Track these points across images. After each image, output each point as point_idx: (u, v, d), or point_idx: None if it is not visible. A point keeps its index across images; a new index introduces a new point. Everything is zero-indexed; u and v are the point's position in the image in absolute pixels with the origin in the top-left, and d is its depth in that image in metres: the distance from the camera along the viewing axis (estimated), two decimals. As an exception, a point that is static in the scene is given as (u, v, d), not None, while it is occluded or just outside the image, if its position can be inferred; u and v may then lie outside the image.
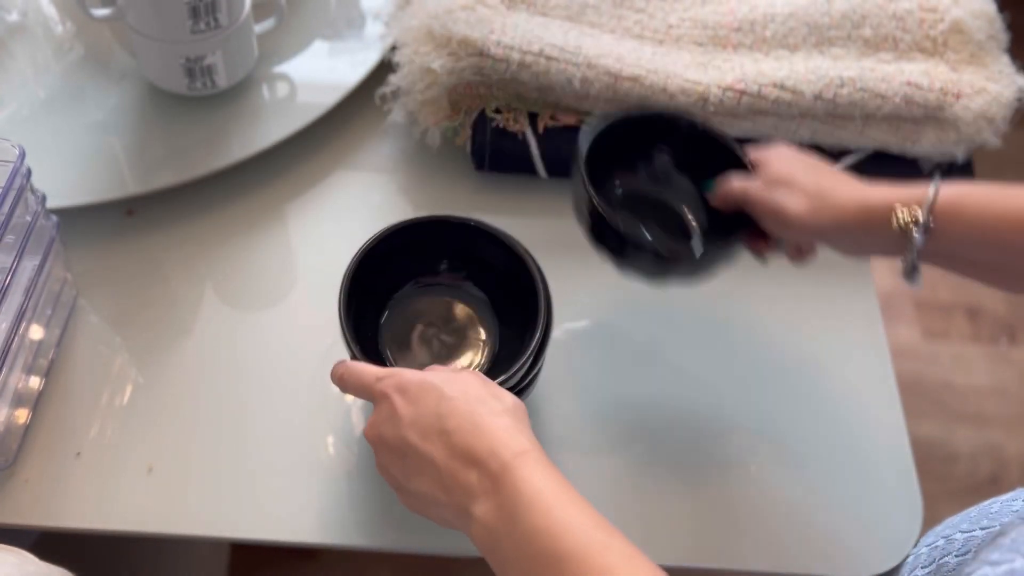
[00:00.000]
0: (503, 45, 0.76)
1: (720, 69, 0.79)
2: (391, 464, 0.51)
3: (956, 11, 0.81)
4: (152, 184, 0.76)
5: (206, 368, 0.71)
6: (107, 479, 0.65)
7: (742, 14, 0.83)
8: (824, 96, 0.77)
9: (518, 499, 0.45)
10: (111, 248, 0.76)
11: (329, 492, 0.65)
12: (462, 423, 0.48)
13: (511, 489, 0.45)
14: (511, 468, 0.46)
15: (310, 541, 0.64)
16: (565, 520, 0.44)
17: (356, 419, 0.69)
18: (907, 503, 0.69)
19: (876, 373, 0.75)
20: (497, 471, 0.46)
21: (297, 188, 0.82)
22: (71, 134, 0.79)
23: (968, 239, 0.52)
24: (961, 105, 0.78)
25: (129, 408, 0.68)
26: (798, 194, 0.58)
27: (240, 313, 0.74)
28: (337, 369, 0.56)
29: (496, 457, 0.46)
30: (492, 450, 0.46)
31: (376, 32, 0.88)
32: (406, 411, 0.49)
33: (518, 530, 0.44)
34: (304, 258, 0.78)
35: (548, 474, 0.46)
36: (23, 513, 0.63)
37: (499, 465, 0.46)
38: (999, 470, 1.50)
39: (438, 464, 0.47)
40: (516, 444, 0.47)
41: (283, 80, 0.86)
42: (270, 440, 0.67)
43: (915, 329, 1.64)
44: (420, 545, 0.64)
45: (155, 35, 0.75)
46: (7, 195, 0.60)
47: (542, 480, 0.46)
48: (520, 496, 0.45)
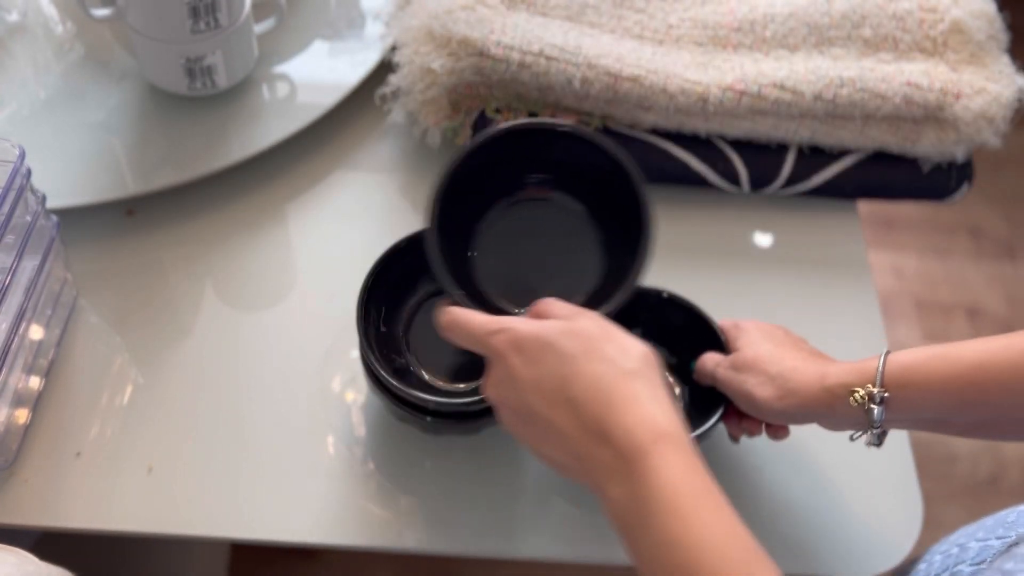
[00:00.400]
0: (503, 45, 0.76)
1: (720, 69, 0.79)
2: (516, 426, 0.48)
3: (956, 11, 0.81)
4: (152, 184, 0.76)
5: (206, 368, 0.71)
6: (107, 479, 0.65)
7: (742, 14, 0.83)
8: (824, 96, 0.77)
9: (653, 496, 0.42)
10: (111, 248, 0.76)
11: (329, 492, 0.65)
12: (589, 391, 0.44)
13: (646, 481, 0.42)
14: (647, 455, 0.42)
15: (310, 541, 0.64)
16: (703, 534, 0.41)
17: (356, 419, 0.69)
18: (907, 503, 0.69)
19: (876, 373, 0.75)
20: (632, 455, 0.43)
21: (297, 188, 0.82)
22: (71, 134, 0.79)
23: (924, 402, 0.53)
24: (961, 105, 0.78)
25: (129, 408, 0.68)
26: (764, 380, 0.58)
27: (240, 313, 0.74)
28: (443, 317, 0.53)
29: (631, 438, 0.43)
30: (627, 430, 0.43)
31: (376, 32, 0.88)
32: (525, 373, 0.46)
33: (651, 532, 0.42)
34: (304, 258, 0.78)
35: (687, 466, 0.43)
36: (23, 513, 0.63)
37: (635, 449, 0.43)
38: (999, 470, 1.50)
39: (568, 435, 0.44)
40: (653, 423, 0.43)
41: (283, 80, 0.86)
42: (270, 440, 0.67)
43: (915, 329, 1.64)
44: (420, 545, 0.64)
45: (155, 35, 0.75)
46: (7, 195, 0.60)
47: (681, 476, 0.42)
48: (655, 492, 0.42)
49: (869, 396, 0.53)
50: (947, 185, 0.83)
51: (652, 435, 0.43)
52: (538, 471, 0.67)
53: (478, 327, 0.50)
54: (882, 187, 0.83)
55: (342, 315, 0.73)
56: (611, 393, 0.44)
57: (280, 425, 0.68)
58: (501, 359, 0.48)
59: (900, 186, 0.83)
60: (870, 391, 0.53)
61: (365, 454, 0.67)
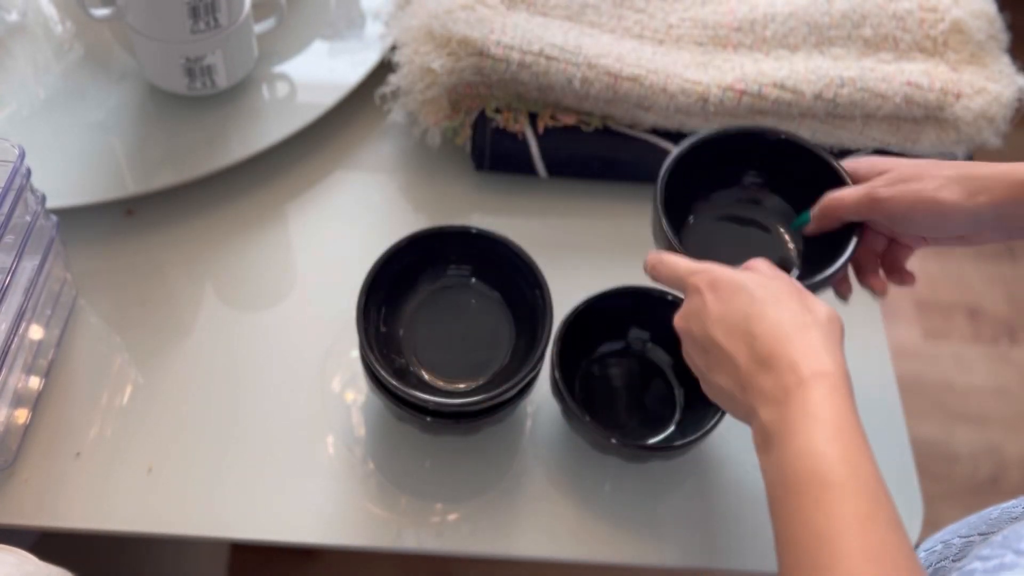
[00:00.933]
0: (503, 45, 0.76)
1: (720, 69, 0.79)
2: (695, 355, 0.52)
3: (956, 11, 0.81)
4: (152, 184, 0.76)
5: (206, 368, 0.71)
6: (107, 479, 0.65)
7: (742, 14, 0.83)
8: (824, 96, 0.77)
9: (803, 418, 0.44)
10: (111, 248, 0.76)
11: (329, 492, 0.65)
12: (769, 328, 0.48)
13: (800, 406, 0.45)
14: (806, 385, 0.45)
15: (310, 541, 0.64)
16: (843, 454, 0.43)
17: (356, 419, 0.69)
18: (907, 503, 0.69)
19: (876, 373, 0.75)
20: (792, 384, 0.45)
21: (297, 188, 0.82)
22: (71, 134, 0.79)
23: None
24: (961, 105, 0.78)
25: (129, 408, 0.68)
26: (943, 182, 0.56)
27: (240, 313, 0.74)
28: (651, 259, 0.58)
29: (795, 370, 0.46)
30: (793, 362, 0.46)
31: (376, 32, 0.88)
32: (715, 308, 0.50)
33: (793, 446, 0.44)
34: (304, 258, 0.78)
35: (841, 403, 0.45)
36: (23, 513, 0.63)
37: (796, 379, 0.45)
38: (999, 471, 1.50)
39: (739, 364, 0.48)
40: (818, 362, 0.46)
41: (283, 80, 0.86)
42: (270, 440, 0.67)
43: (915, 329, 1.64)
44: (420, 545, 0.64)
45: (155, 35, 0.75)
46: (7, 195, 0.60)
47: (832, 408, 0.45)
48: (806, 417, 0.44)
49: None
50: (947, 185, 0.83)
51: (813, 371, 0.46)
52: (538, 471, 0.67)
53: (683, 267, 0.55)
54: (882, 187, 0.83)
55: (342, 315, 0.73)
56: (789, 333, 0.47)
57: (280, 425, 0.68)
58: (697, 294, 0.52)
59: (900, 186, 0.83)
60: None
61: (365, 454, 0.67)
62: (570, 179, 0.82)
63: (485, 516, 0.65)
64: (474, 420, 0.63)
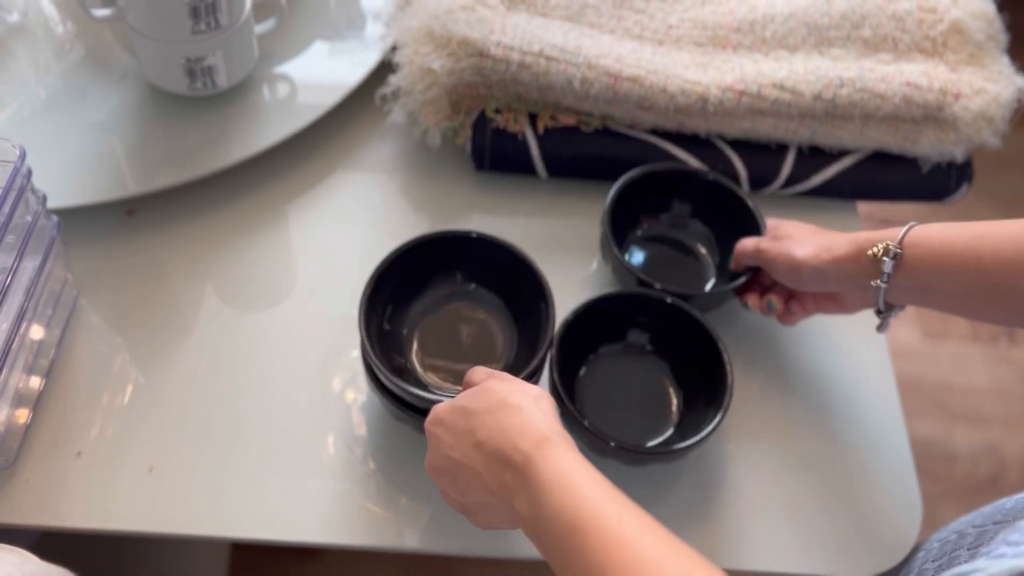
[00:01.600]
0: (503, 45, 0.76)
1: (720, 69, 0.79)
2: (449, 488, 0.54)
3: (955, 12, 0.81)
4: (152, 184, 0.76)
5: (206, 368, 0.71)
6: (107, 479, 0.65)
7: (742, 15, 0.83)
8: (824, 96, 0.77)
9: (542, 485, 0.48)
10: (111, 248, 0.76)
11: (329, 492, 0.65)
12: (491, 430, 0.51)
13: (535, 477, 0.48)
14: (533, 459, 0.49)
15: (310, 541, 0.64)
16: (582, 495, 0.47)
17: (356, 419, 0.69)
18: (907, 503, 0.69)
19: (876, 373, 0.75)
20: (523, 464, 0.49)
21: (297, 188, 0.82)
22: (72, 134, 0.79)
23: (928, 264, 0.60)
24: (960, 105, 0.78)
25: (129, 408, 0.68)
26: (804, 244, 0.67)
27: (240, 313, 0.74)
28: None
29: (519, 451, 0.49)
30: (515, 446, 0.50)
31: (376, 32, 0.89)
32: (446, 437, 0.53)
33: (545, 512, 0.47)
34: (304, 258, 0.78)
35: (567, 456, 0.49)
36: (23, 513, 0.63)
37: (523, 458, 0.49)
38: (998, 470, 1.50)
39: (481, 472, 0.51)
40: (535, 434, 0.50)
41: (283, 80, 0.86)
42: (270, 440, 0.67)
43: (915, 329, 1.64)
44: (420, 545, 0.64)
45: (155, 35, 0.75)
46: (8, 195, 0.60)
47: (560, 463, 0.48)
48: (543, 482, 0.48)
49: (885, 250, 0.61)
50: (947, 185, 0.83)
51: (534, 443, 0.49)
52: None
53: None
54: (882, 187, 0.83)
55: (342, 315, 0.73)
56: (505, 426, 0.51)
57: (280, 425, 0.68)
58: (431, 436, 0.55)
59: (900, 186, 0.83)
60: (887, 246, 0.61)
61: (365, 454, 0.67)
62: (570, 179, 0.83)
63: (485, 516, 0.65)
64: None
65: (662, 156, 0.80)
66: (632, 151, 0.80)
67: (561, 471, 0.48)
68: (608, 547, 0.44)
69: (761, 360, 0.75)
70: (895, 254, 0.61)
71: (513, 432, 0.50)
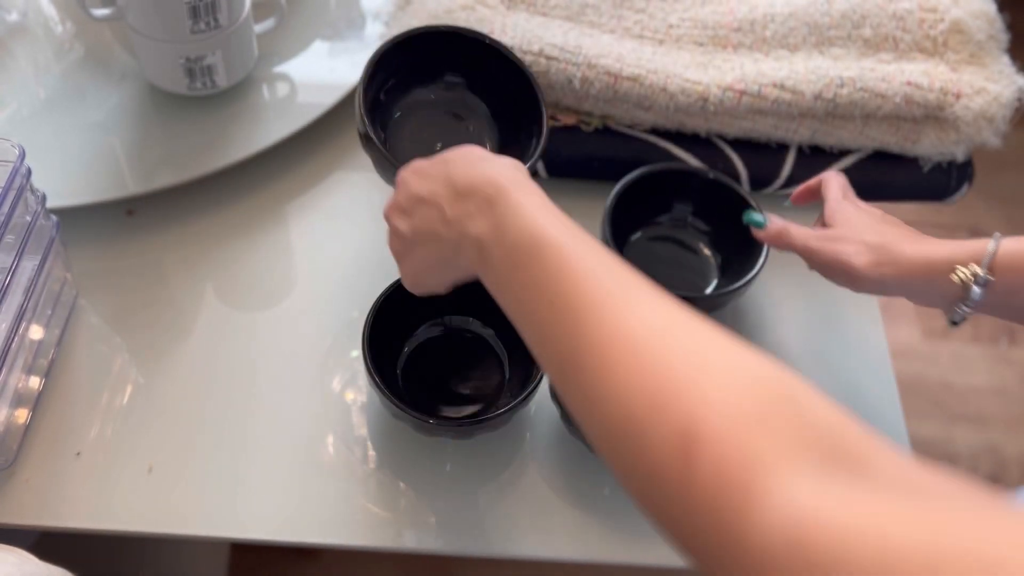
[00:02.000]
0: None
1: (720, 69, 0.79)
2: (400, 224, 0.54)
3: (956, 11, 0.81)
4: (152, 184, 0.76)
5: (206, 368, 0.71)
6: (107, 479, 0.65)
7: (742, 14, 0.83)
8: (824, 96, 0.77)
9: (511, 207, 0.46)
10: (111, 248, 0.76)
11: (329, 492, 0.65)
12: (466, 170, 0.50)
13: (505, 201, 0.47)
14: (507, 191, 0.47)
15: (310, 541, 0.64)
16: (551, 221, 0.45)
17: (356, 419, 0.69)
18: (907, 503, 0.69)
19: (876, 373, 0.75)
20: (493, 195, 0.48)
21: (297, 188, 0.82)
22: (71, 134, 0.79)
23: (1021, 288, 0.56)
24: (961, 105, 0.78)
25: (129, 408, 0.68)
26: (862, 248, 0.61)
27: (240, 313, 0.74)
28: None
29: (493, 184, 0.48)
30: (489, 179, 0.49)
31: (376, 32, 0.88)
32: (415, 180, 0.53)
33: (508, 229, 0.46)
34: (304, 258, 0.78)
35: (543, 199, 0.48)
36: (23, 513, 0.63)
37: (495, 190, 0.48)
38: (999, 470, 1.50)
39: (442, 205, 0.50)
40: (513, 176, 0.49)
41: (283, 80, 0.86)
42: (270, 440, 0.67)
43: (915, 329, 1.64)
44: (420, 545, 0.64)
45: (155, 35, 0.75)
46: (7, 195, 0.60)
47: (535, 200, 0.47)
48: (512, 204, 0.47)
49: (975, 276, 0.56)
50: (947, 185, 0.83)
51: (510, 180, 0.48)
52: (538, 472, 0.67)
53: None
54: (882, 187, 0.83)
55: (342, 315, 0.73)
56: (484, 168, 0.50)
57: (280, 425, 0.68)
58: (401, 182, 0.55)
59: (900, 186, 0.83)
60: (975, 271, 0.56)
61: (365, 454, 0.67)
62: (570, 179, 0.82)
63: (485, 516, 0.65)
64: (471, 426, 0.63)
65: (662, 156, 0.80)
66: (632, 151, 0.80)
67: (534, 202, 0.47)
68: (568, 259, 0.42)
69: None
70: (986, 281, 0.56)
71: (491, 173, 0.49)
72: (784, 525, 0.30)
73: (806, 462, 0.31)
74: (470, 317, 0.71)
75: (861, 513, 0.29)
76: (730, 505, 0.31)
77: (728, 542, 0.31)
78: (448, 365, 0.70)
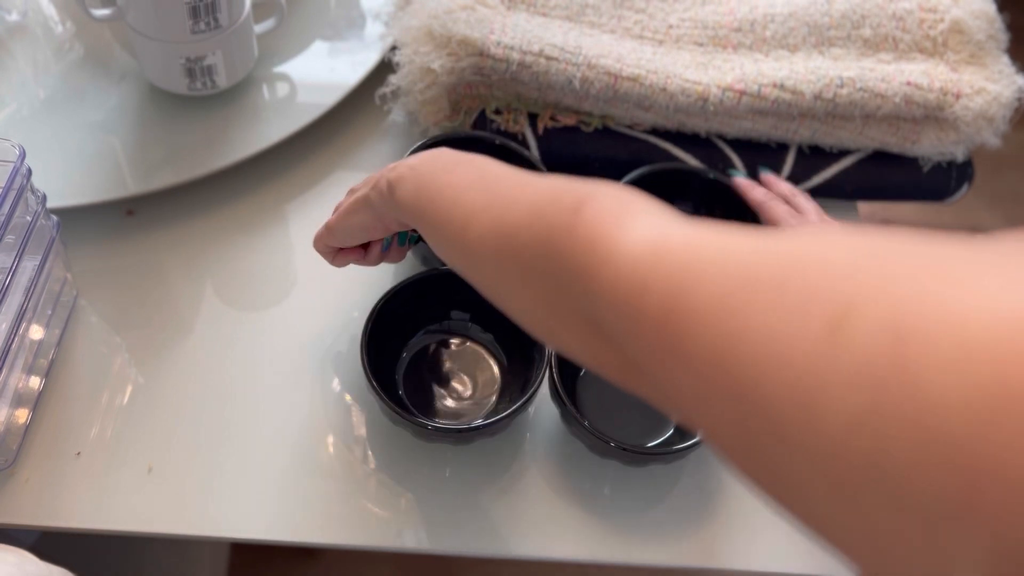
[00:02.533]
0: (503, 45, 0.76)
1: (720, 69, 0.79)
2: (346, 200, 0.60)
3: (956, 11, 0.81)
4: (152, 184, 0.76)
5: (206, 368, 0.71)
6: (107, 479, 0.65)
7: (742, 14, 0.83)
8: (824, 96, 0.77)
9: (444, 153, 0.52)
10: (111, 248, 0.76)
11: (329, 492, 0.65)
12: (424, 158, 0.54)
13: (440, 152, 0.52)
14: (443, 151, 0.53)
15: (310, 541, 0.64)
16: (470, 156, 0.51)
17: (356, 419, 0.69)
18: (907, 503, 0.69)
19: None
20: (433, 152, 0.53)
21: (297, 188, 0.82)
22: (71, 134, 0.79)
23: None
24: (961, 105, 0.78)
25: (129, 408, 0.68)
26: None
27: (240, 313, 0.74)
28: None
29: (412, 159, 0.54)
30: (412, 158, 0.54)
31: (376, 32, 0.89)
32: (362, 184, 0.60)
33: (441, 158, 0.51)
34: (304, 258, 0.78)
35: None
36: (23, 513, 0.63)
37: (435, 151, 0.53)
38: (999, 470, 1.50)
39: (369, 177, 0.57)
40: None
41: (283, 80, 0.86)
42: (270, 440, 0.67)
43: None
44: (420, 545, 0.64)
45: (155, 35, 0.75)
46: (7, 195, 0.60)
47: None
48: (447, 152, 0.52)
49: None
50: (947, 185, 0.83)
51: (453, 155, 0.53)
52: (538, 472, 0.67)
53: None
54: (882, 187, 0.83)
55: (342, 315, 0.73)
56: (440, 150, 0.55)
57: (280, 425, 0.68)
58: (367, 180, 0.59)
59: (900, 186, 0.83)
60: None
61: (365, 454, 0.67)
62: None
63: (485, 516, 0.65)
64: (471, 433, 0.64)
65: (662, 156, 0.80)
66: (632, 151, 0.80)
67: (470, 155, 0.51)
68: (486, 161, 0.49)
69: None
70: None
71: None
72: (647, 239, 0.34)
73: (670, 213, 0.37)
74: (469, 322, 0.71)
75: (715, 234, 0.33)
76: (604, 233, 0.36)
77: (601, 266, 0.36)
78: (447, 370, 0.70)
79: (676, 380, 0.31)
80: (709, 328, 0.29)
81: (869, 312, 0.25)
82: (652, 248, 0.34)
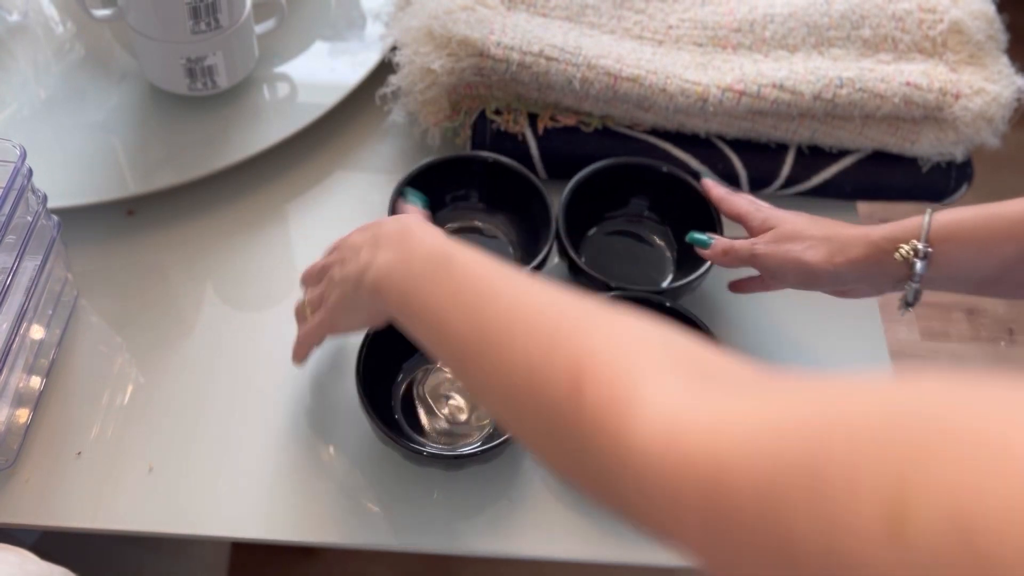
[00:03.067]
0: (503, 45, 0.76)
1: (719, 70, 0.79)
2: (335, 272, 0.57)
3: (955, 12, 0.81)
4: (152, 184, 0.76)
5: (206, 368, 0.71)
6: (107, 479, 0.65)
7: (741, 15, 0.83)
8: (823, 96, 0.77)
9: (416, 242, 0.50)
10: (111, 248, 0.76)
11: (329, 492, 0.66)
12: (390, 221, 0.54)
13: (411, 238, 0.50)
14: (411, 229, 0.51)
15: (310, 541, 0.64)
16: (452, 242, 0.49)
17: (356, 418, 0.69)
18: (906, 503, 0.69)
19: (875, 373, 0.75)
20: (402, 231, 0.51)
21: (297, 188, 0.82)
22: (72, 134, 0.79)
23: (965, 258, 0.57)
24: (960, 105, 0.78)
25: (129, 408, 0.68)
26: (811, 244, 0.62)
27: (240, 313, 0.74)
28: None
29: (401, 223, 0.52)
30: (401, 223, 0.53)
31: (376, 32, 0.89)
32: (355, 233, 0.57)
33: (417, 255, 0.49)
34: (304, 258, 0.78)
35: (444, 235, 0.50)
36: (24, 513, 0.63)
37: (403, 227, 0.52)
38: (998, 470, 1.50)
39: (356, 246, 0.54)
40: (419, 223, 0.52)
41: (283, 80, 0.86)
42: (270, 440, 0.68)
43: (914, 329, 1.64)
44: (420, 545, 0.64)
45: (156, 35, 0.76)
46: (8, 195, 0.60)
47: (438, 232, 0.51)
48: (419, 239, 0.50)
49: (914, 251, 0.58)
50: (946, 185, 0.83)
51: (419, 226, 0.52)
52: (538, 472, 0.68)
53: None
54: (881, 187, 0.84)
55: (342, 315, 0.73)
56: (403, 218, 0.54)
57: (280, 424, 0.68)
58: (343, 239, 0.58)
59: (899, 186, 0.83)
60: (915, 246, 0.58)
61: (365, 454, 0.67)
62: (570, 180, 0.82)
63: (485, 516, 0.65)
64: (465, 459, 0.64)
65: (662, 156, 0.80)
66: (631, 151, 0.80)
67: (437, 232, 0.50)
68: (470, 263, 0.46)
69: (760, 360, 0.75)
70: (926, 254, 0.58)
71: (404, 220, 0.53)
72: (662, 425, 0.32)
73: (678, 378, 0.35)
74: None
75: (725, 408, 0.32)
76: (614, 418, 0.34)
77: (613, 453, 0.34)
78: (444, 391, 0.70)
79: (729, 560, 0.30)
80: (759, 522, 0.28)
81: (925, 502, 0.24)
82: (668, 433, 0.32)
